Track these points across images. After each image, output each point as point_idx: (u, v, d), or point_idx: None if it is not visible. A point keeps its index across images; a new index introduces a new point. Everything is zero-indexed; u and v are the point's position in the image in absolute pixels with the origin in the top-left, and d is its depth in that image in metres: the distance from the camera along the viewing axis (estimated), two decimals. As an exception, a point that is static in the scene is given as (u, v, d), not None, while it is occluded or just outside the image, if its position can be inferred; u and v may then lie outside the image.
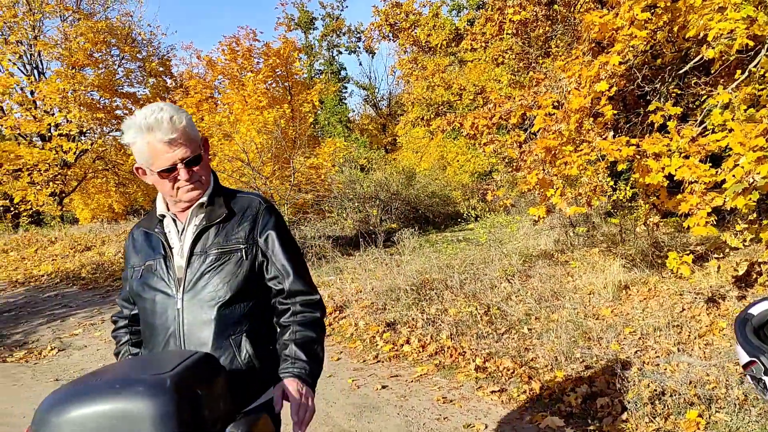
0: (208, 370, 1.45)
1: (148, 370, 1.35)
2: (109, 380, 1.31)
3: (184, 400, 1.27)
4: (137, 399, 1.24)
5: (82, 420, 1.23)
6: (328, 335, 5.96)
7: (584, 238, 9.00)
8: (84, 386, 1.31)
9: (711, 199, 4.51)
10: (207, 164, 1.87)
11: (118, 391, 1.26)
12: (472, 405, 4.20)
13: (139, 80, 20.34)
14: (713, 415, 3.67)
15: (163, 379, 1.28)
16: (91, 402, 1.25)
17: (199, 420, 1.31)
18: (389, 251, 9.53)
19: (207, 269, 1.78)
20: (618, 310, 5.87)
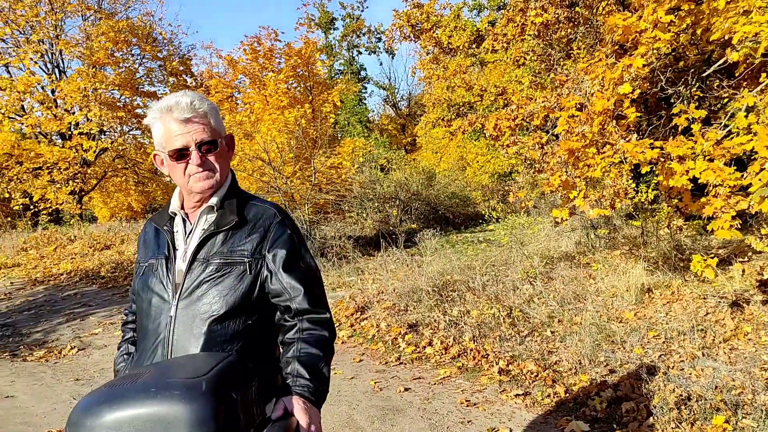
0: (242, 374, 1.47)
1: (183, 374, 1.37)
2: (145, 383, 1.33)
3: (220, 405, 1.30)
4: (174, 403, 1.25)
5: (118, 424, 1.26)
6: (350, 336, 6.01)
7: (605, 240, 8.96)
8: (119, 389, 1.33)
9: (736, 203, 4.48)
10: (226, 158, 1.78)
11: (154, 395, 1.28)
12: (496, 408, 4.21)
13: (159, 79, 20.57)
14: (740, 421, 3.66)
15: (199, 382, 1.30)
16: (127, 405, 1.27)
17: (233, 424, 1.34)
18: (410, 252, 9.56)
19: (206, 278, 1.67)
20: (641, 314, 5.84)
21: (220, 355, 1.50)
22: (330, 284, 8.06)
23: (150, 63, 20.45)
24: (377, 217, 12.61)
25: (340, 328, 6.25)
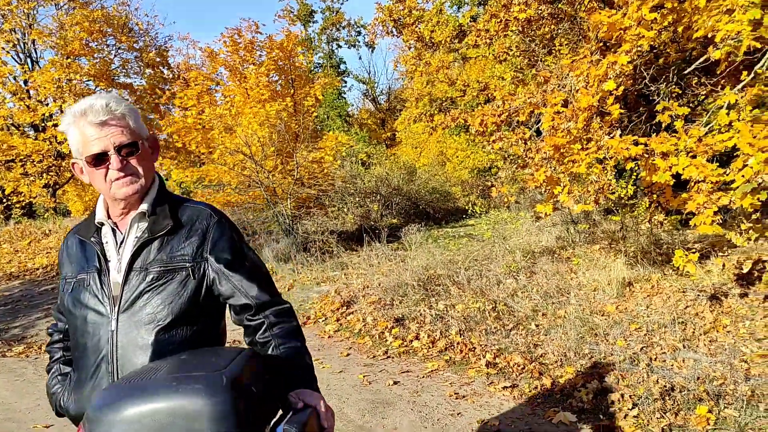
0: (259, 367, 1.49)
1: (202, 368, 1.38)
2: (165, 377, 1.34)
3: (241, 398, 1.31)
4: (196, 397, 1.26)
5: (139, 417, 1.26)
6: (336, 330, 6.03)
7: (585, 235, 9.09)
8: (138, 383, 1.34)
9: (717, 199, 4.59)
10: (149, 161, 1.70)
11: (176, 389, 1.28)
12: (485, 401, 4.27)
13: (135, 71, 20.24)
14: (722, 411, 3.76)
15: (220, 376, 1.31)
16: (148, 399, 1.28)
17: (254, 417, 1.35)
18: (392, 247, 9.60)
19: (147, 288, 1.60)
20: (623, 307, 5.95)
21: (234, 349, 1.51)
22: (314, 279, 8.07)
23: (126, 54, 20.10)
24: (358, 212, 12.62)
25: (326, 322, 6.27)
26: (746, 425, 3.59)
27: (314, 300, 6.99)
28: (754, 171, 3.86)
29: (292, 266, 8.74)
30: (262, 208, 10.89)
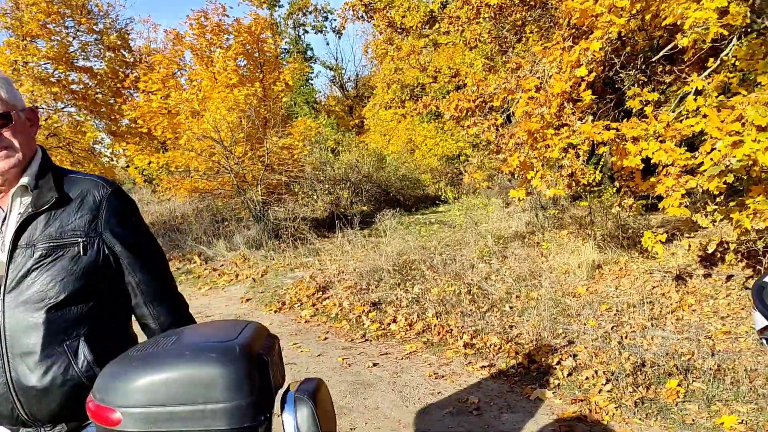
0: (268, 338, 1.52)
1: (213, 338, 1.40)
2: (177, 348, 1.36)
3: (254, 367, 1.34)
4: (210, 366, 1.29)
5: (153, 387, 1.28)
6: (313, 315, 6.05)
7: (554, 220, 9.27)
8: (149, 354, 1.35)
9: (685, 182, 4.74)
10: (27, 133, 1.60)
11: (189, 359, 1.30)
12: (464, 380, 4.36)
13: (95, 54, 19.70)
14: (691, 384, 3.91)
15: (233, 346, 1.34)
16: (161, 369, 1.29)
17: (267, 385, 1.38)
18: (364, 233, 9.64)
19: (35, 265, 1.49)
20: (593, 289, 6.11)
21: (240, 321, 1.54)
22: (287, 265, 8.06)
23: (85, 36, 19.52)
24: (328, 199, 12.61)
25: (302, 307, 6.28)
26: (713, 397, 3.75)
27: (289, 286, 6.99)
28: (722, 154, 4.00)
29: (265, 252, 8.71)
30: (231, 194, 10.79)
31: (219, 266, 8.48)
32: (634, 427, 3.55)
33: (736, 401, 3.70)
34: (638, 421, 3.60)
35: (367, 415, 3.88)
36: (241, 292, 7.22)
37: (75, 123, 18.95)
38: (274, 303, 6.54)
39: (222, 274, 8.06)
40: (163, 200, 13.51)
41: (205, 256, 8.93)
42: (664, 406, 3.74)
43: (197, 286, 7.68)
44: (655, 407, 3.73)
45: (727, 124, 4.07)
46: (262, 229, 9.68)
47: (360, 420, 3.81)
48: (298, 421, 1.42)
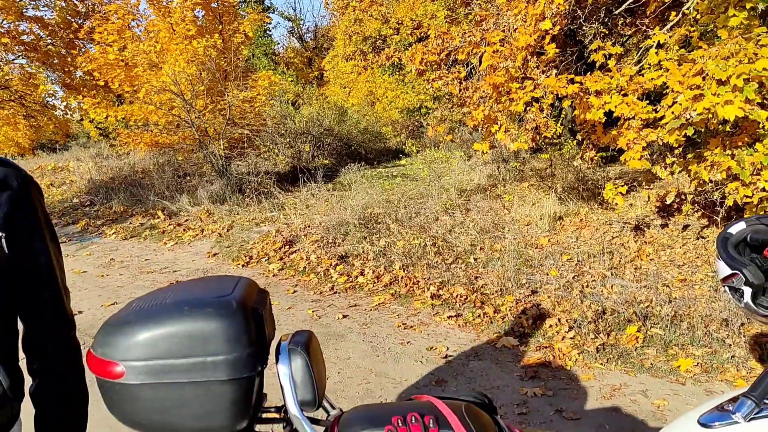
0: (260, 292, 1.56)
1: (209, 293, 1.43)
2: (175, 303, 1.39)
3: (250, 320, 1.38)
4: (209, 320, 1.33)
5: (153, 341, 1.32)
6: (281, 269, 6.08)
7: (515, 173, 9.41)
8: (148, 309, 1.38)
9: (646, 135, 4.87)
10: None
11: (189, 313, 1.34)
12: (432, 330, 4.48)
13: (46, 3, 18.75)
14: (649, 330, 4.11)
15: (229, 300, 1.38)
16: (160, 323, 1.33)
17: (262, 337, 1.43)
18: (328, 187, 9.62)
19: None
20: (554, 240, 6.28)
21: (233, 277, 1.56)
22: (252, 220, 8.02)
23: (34, -16, 18.56)
24: (289, 153, 12.48)
25: (269, 261, 6.30)
26: (671, 342, 3.95)
27: (255, 240, 6.98)
28: (683, 108, 4.11)
29: (229, 207, 8.63)
30: (193, 149, 10.59)
31: (183, 221, 8.39)
32: (596, 371, 3.72)
33: (691, 345, 3.91)
34: (600, 366, 3.78)
35: (339, 365, 3.97)
36: (207, 246, 7.18)
37: (27, 75, 18.12)
38: (241, 257, 6.53)
39: (187, 229, 7.98)
40: (122, 155, 13.17)
41: (168, 212, 8.80)
42: (624, 351, 3.92)
43: (162, 242, 7.60)
44: (615, 352, 3.91)
45: (688, 78, 4.16)
46: (225, 184, 9.56)
47: (332, 370, 3.90)
48: (293, 370, 1.47)
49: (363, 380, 3.75)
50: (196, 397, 1.33)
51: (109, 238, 8.03)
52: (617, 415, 3.22)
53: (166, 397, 1.33)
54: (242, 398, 1.36)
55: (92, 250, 7.48)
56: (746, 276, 1.58)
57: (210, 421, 1.36)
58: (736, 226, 1.74)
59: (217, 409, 1.34)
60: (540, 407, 3.34)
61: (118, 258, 6.99)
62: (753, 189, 4.36)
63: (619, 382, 3.56)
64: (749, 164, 4.25)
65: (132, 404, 1.34)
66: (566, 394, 3.47)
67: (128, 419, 1.38)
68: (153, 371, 1.31)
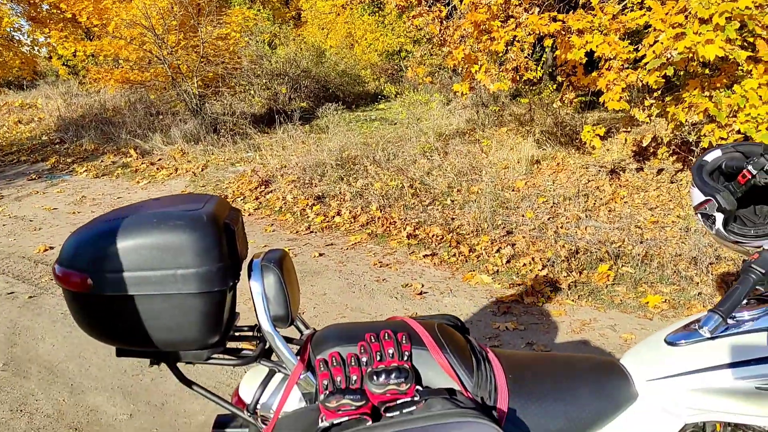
0: (232, 210, 1.53)
1: (179, 207, 1.39)
2: (145, 215, 1.35)
3: (222, 233, 1.35)
4: (178, 232, 1.29)
5: (124, 252, 1.28)
6: (257, 208, 6.03)
7: (494, 117, 9.35)
8: (118, 222, 1.33)
9: (626, 76, 4.84)
10: None
11: (158, 225, 1.30)
12: (407, 268, 4.50)
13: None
14: (620, 268, 4.18)
15: (200, 214, 1.35)
16: (130, 236, 1.29)
17: (234, 253, 1.40)
18: (304, 129, 9.48)
19: None
20: (531, 183, 6.30)
21: (204, 194, 1.53)
22: (228, 160, 7.90)
23: None
24: (266, 94, 12.23)
25: (245, 201, 6.24)
26: (640, 280, 4.03)
27: (230, 179, 6.90)
28: (664, 47, 4.07)
29: (203, 147, 8.48)
30: (165, 86, 10.31)
31: (157, 160, 8.24)
32: (567, 307, 3.79)
33: (660, 283, 3.99)
34: (571, 302, 3.85)
35: (315, 301, 3.99)
36: (182, 185, 7.08)
37: (-12, 6, 17.36)
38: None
39: (160, 168, 7.84)
40: (92, 92, 12.79)
41: (141, 150, 8.63)
42: (595, 289, 4.00)
43: (135, 180, 7.47)
44: (587, 289, 3.98)
45: (671, 16, 4.12)
46: (199, 124, 9.37)
47: (308, 305, 3.92)
48: (266, 286, 1.46)
49: (338, 314, 3.78)
50: (165, 309, 1.31)
51: (80, 176, 7.86)
52: (586, 347, 3.29)
53: (137, 309, 1.31)
54: (213, 312, 1.35)
55: (63, 187, 7.33)
56: (719, 201, 1.59)
57: (181, 334, 1.34)
58: (711, 154, 1.74)
59: (188, 322, 1.33)
60: (511, 340, 3.40)
61: (90, 196, 6.87)
62: (728, 131, 4.39)
63: (589, 318, 3.63)
64: (726, 106, 4.26)
65: (102, 316, 1.32)
66: (537, 328, 3.54)
67: (97, 332, 1.36)
68: (123, 283, 1.29)
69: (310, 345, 1.48)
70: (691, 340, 1.50)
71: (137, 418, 2.77)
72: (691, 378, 1.45)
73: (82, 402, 2.92)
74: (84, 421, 2.77)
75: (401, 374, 1.34)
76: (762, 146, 1.69)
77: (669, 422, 1.49)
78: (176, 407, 2.81)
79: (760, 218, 1.80)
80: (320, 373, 1.37)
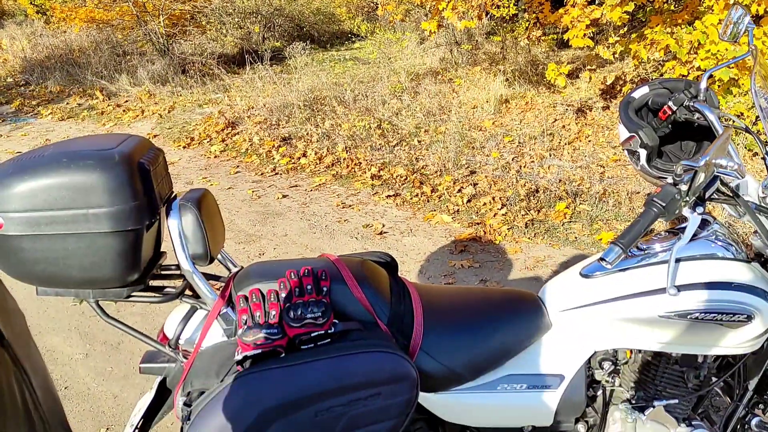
0: (151, 150, 1.52)
1: (91, 147, 1.39)
2: (54, 155, 1.34)
3: (135, 172, 1.35)
4: (89, 172, 1.29)
5: (32, 192, 1.28)
6: (222, 150, 5.98)
7: (468, 56, 9.23)
8: (26, 162, 1.33)
9: (590, 12, 4.79)
10: None
11: (67, 165, 1.30)
12: (370, 208, 4.54)
13: None
14: (578, 207, 4.24)
15: (111, 153, 1.34)
16: (39, 176, 1.28)
17: (150, 192, 1.41)
18: (275, 69, 9.31)
19: None
20: (498, 122, 6.29)
21: (123, 134, 1.52)
22: (195, 101, 7.78)
23: None
24: (238, 33, 11.94)
25: (211, 143, 6.19)
26: (596, 217, 4.10)
27: (197, 122, 6.81)
28: (625, -18, 4.03)
29: (171, 88, 8.32)
30: (132, 26, 10.02)
31: (123, 102, 8.08)
32: (523, 245, 3.87)
33: (615, 220, 4.07)
34: (527, 240, 3.92)
35: (276, 242, 4.03)
36: (148, 128, 6.98)
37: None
38: (183, 139, 6.39)
39: (127, 110, 7.71)
40: (58, 33, 12.39)
41: (107, 92, 8.45)
42: (552, 227, 4.07)
43: (101, 122, 7.35)
44: (543, 227, 4.06)
45: (633, -49, 4.06)
46: (167, 64, 9.15)
47: (269, 246, 3.96)
48: (183, 225, 1.47)
49: (298, 255, 3.82)
50: (79, 249, 1.32)
51: (45, 119, 7.72)
52: (537, 283, 3.38)
53: (49, 248, 1.32)
54: (128, 250, 1.36)
55: (27, 130, 7.20)
56: (641, 138, 1.62)
57: (97, 273, 1.36)
58: (639, 91, 1.76)
59: (103, 261, 1.35)
60: (465, 277, 3.48)
61: (55, 138, 6.76)
62: (689, 68, 4.40)
63: (543, 255, 3.71)
64: (687, 42, 4.25)
65: (14, 256, 1.34)
66: (492, 266, 3.62)
67: (13, 271, 1.38)
68: (33, 222, 1.30)
69: (233, 282, 1.51)
70: (603, 272, 1.56)
71: (92, 357, 2.83)
72: (600, 307, 1.51)
73: (39, 343, 2.96)
74: (41, 360, 2.82)
75: (318, 308, 1.37)
76: (684, 82, 1.71)
77: (579, 349, 1.56)
78: (131, 347, 2.87)
79: (684, 153, 1.84)
80: (239, 309, 1.40)
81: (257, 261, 1.64)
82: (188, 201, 1.49)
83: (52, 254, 1.33)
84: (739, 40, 1.66)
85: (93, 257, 1.34)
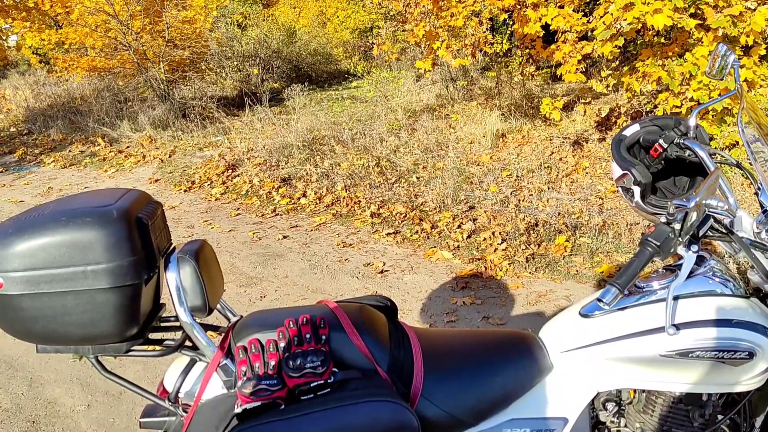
0: (150, 204, 1.54)
1: (89, 204, 1.41)
2: (53, 213, 1.36)
3: (133, 228, 1.37)
4: (87, 229, 1.31)
5: (32, 251, 1.30)
6: (223, 193, 6.02)
7: (463, 92, 9.35)
8: (26, 221, 1.35)
9: (581, 47, 4.87)
10: None
11: (66, 223, 1.32)
12: (370, 247, 4.55)
13: None
14: (578, 239, 4.25)
15: (110, 210, 1.36)
16: (38, 234, 1.30)
17: (149, 247, 1.42)
18: (275, 111, 9.43)
19: None
20: (496, 156, 6.34)
21: (120, 189, 1.54)
22: (196, 145, 7.86)
23: None
24: (237, 76, 12.13)
25: (212, 186, 6.22)
26: (597, 249, 4.10)
27: (198, 165, 6.86)
28: (614, 17, 4.10)
29: (172, 133, 8.42)
30: (133, 73, 10.18)
31: (125, 148, 8.16)
32: (525, 279, 3.86)
33: (616, 252, 4.07)
34: (528, 275, 3.92)
35: (277, 283, 4.02)
36: (149, 173, 7.04)
37: None
38: (184, 183, 6.44)
39: (128, 155, 7.78)
40: (61, 81, 12.60)
41: (109, 138, 8.54)
42: (553, 260, 4.06)
43: (103, 169, 7.41)
44: (544, 261, 4.05)
45: (621, -13, 4.14)
46: (168, 109, 9.28)
47: (270, 288, 3.96)
48: (182, 278, 1.48)
49: (299, 296, 3.82)
50: (78, 306, 1.33)
51: (47, 167, 7.79)
52: (541, 319, 3.36)
53: (49, 306, 1.33)
54: (127, 305, 1.37)
55: (30, 179, 7.26)
56: (634, 175, 1.64)
57: (96, 329, 1.37)
58: (630, 129, 1.79)
59: (102, 317, 1.35)
60: (468, 315, 3.47)
61: (57, 186, 6.82)
62: (682, 99, 4.45)
63: (545, 289, 3.70)
64: (678, 74, 4.31)
65: (14, 314, 1.34)
66: (494, 302, 3.61)
67: (12, 330, 1.38)
68: (32, 281, 1.31)
69: (232, 333, 1.51)
70: (602, 312, 1.55)
71: (95, 408, 2.81)
72: (602, 348, 1.51)
73: (41, 395, 2.95)
74: (42, 413, 2.80)
75: (317, 357, 1.37)
76: (674, 120, 1.73)
77: (582, 390, 1.55)
78: (134, 397, 2.84)
79: (678, 189, 1.85)
80: (239, 360, 1.40)
81: (256, 310, 1.64)
82: (186, 253, 1.50)
83: (51, 312, 1.33)
84: (726, 78, 1.69)
85: (92, 314, 1.35)
